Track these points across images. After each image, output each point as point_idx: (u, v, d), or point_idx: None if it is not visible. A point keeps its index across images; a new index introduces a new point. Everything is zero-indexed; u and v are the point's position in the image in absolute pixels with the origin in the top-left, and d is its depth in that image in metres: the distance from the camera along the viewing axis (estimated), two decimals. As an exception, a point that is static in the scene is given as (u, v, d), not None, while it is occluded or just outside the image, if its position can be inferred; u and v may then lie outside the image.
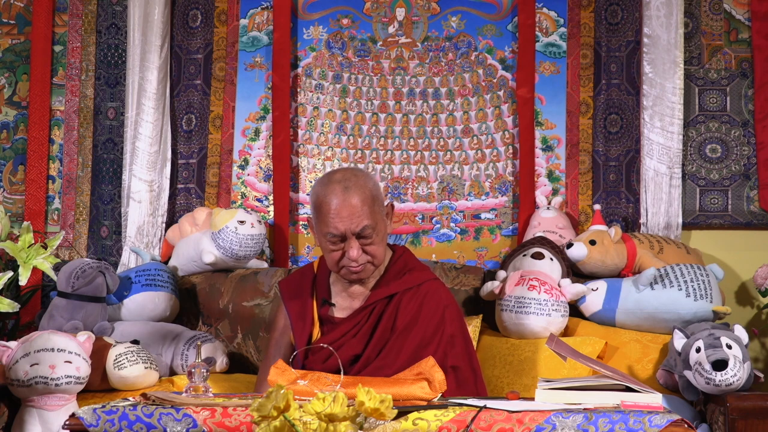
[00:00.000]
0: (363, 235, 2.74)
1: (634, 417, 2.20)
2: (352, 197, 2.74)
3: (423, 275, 2.88)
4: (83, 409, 2.33)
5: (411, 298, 2.81)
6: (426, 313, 2.80)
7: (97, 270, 3.55)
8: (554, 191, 4.02)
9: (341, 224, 2.73)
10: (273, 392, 2.01)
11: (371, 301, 2.82)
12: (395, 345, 2.75)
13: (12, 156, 4.22)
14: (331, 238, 2.75)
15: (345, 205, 2.73)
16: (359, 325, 2.80)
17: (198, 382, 2.57)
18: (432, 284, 2.86)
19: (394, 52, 4.15)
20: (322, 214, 2.76)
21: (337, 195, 2.74)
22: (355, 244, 2.74)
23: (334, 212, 2.73)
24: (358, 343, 2.78)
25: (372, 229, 2.75)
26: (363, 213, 2.74)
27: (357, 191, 2.76)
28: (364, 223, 2.73)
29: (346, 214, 2.73)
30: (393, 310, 2.80)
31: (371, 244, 2.76)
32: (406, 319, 2.78)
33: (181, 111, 4.18)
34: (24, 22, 4.24)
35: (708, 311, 3.42)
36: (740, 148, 3.97)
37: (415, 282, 2.84)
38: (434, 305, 2.81)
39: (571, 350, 2.70)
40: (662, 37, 3.91)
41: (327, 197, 2.75)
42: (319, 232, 2.80)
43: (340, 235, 2.73)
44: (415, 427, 2.23)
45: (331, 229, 2.73)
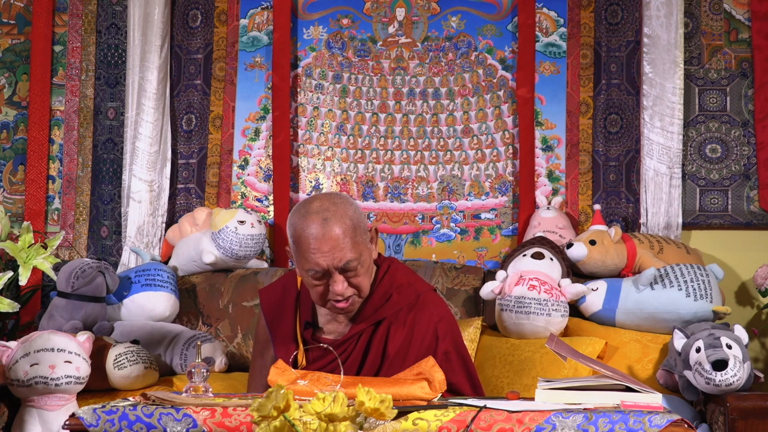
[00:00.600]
0: (347, 269, 2.55)
1: (634, 417, 2.20)
2: (332, 229, 2.53)
3: (410, 293, 2.70)
4: (83, 409, 2.33)
5: (401, 322, 2.65)
6: (418, 334, 2.65)
7: (97, 270, 3.55)
8: (554, 191, 4.02)
9: (323, 260, 2.53)
10: (273, 392, 2.01)
11: (358, 329, 2.66)
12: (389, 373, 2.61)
13: (12, 156, 4.22)
14: (314, 274, 2.55)
15: (326, 239, 2.51)
16: (347, 353, 2.66)
17: (198, 382, 2.57)
18: (422, 299, 2.69)
19: (394, 52, 4.15)
20: (302, 250, 2.55)
21: (317, 228, 2.52)
22: (339, 278, 2.55)
23: (314, 248, 2.51)
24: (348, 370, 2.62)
25: (357, 262, 2.56)
26: (345, 246, 2.53)
27: (337, 222, 2.54)
28: (347, 257, 2.54)
29: (328, 249, 2.52)
30: (382, 336, 2.65)
31: (356, 276, 2.57)
32: (397, 344, 2.64)
33: (181, 111, 4.18)
34: (24, 22, 4.24)
35: (708, 311, 3.42)
36: (740, 148, 3.97)
37: (403, 303, 2.67)
38: (425, 324, 2.65)
39: (571, 350, 2.69)
40: (662, 37, 3.91)
41: (306, 231, 2.53)
42: (300, 267, 2.60)
43: (322, 271, 2.54)
44: (415, 427, 2.22)
45: (313, 266, 2.54)
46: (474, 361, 3.46)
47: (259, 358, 2.82)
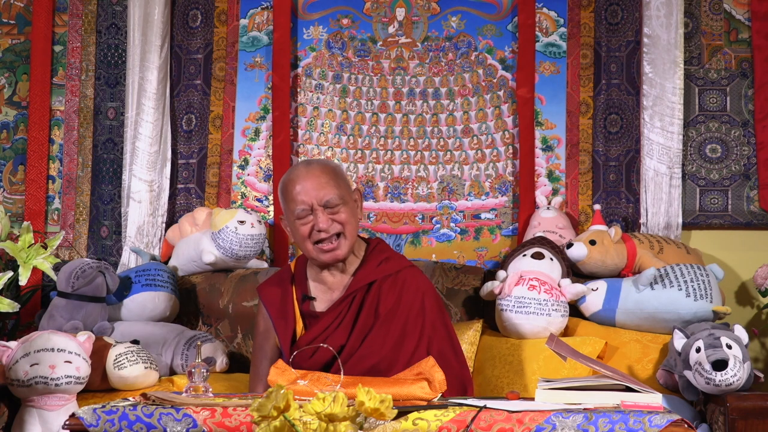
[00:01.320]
0: (330, 206, 2.77)
1: (634, 417, 2.20)
2: (314, 170, 2.80)
3: (400, 263, 2.90)
4: (83, 409, 2.33)
5: (391, 286, 2.83)
6: (406, 300, 2.81)
7: (97, 270, 3.55)
8: (554, 191, 4.02)
9: (306, 196, 2.76)
10: (273, 392, 2.01)
11: (351, 290, 2.82)
12: (379, 333, 2.77)
13: (12, 156, 4.22)
14: (300, 212, 2.77)
15: (309, 177, 2.78)
16: (341, 316, 2.81)
17: (198, 382, 2.57)
18: (410, 271, 2.88)
19: (394, 52, 4.15)
20: (289, 194, 2.79)
21: (300, 171, 2.80)
22: (322, 214, 2.77)
23: (299, 187, 2.77)
24: (342, 334, 2.79)
25: (339, 199, 2.78)
26: (328, 184, 2.78)
27: (319, 165, 2.84)
28: (329, 193, 2.77)
29: (311, 186, 2.77)
30: (374, 297, 2.81)
31: (339, 213, 2.78)
32: (388, 305, 2.80)
33: (181, 111, 4.18)
34: (24, 22, 4.24)
35: (708, 311, 3.42)
36: (740, 148, 3.97)
37: (393, 269, 2.86)
38: (413, 292, 2.83)
39: (571, 350, 2.70)
40: (662, 37, 3.91)
41: (291, 176, 2.81)
42: (289, 216, 2.82)
43: (307, 207, 2.76)
44: (415, 427, 2.23)
45: (299, 204, 2.77)
46: (474, 362, 3.48)
47: (259, 350, 2.94)
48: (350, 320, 2.80)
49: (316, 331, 2.80)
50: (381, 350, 2.74)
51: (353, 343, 2.77)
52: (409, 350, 2.75)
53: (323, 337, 2.78)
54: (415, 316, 2.80)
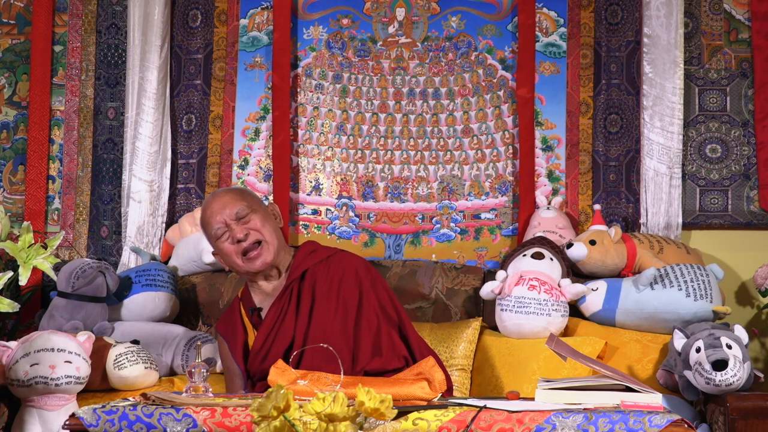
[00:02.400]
0: (240, 216, 2.91)
1: (634, 417, 2.20)
2: (220, 194, 3.00)
3: (329, 250, 3.03)
4: (83, 409, 2.33)
5: (323, 269, 2.95)
6: (340, 277, 2.93)
7: (97, 270, 3.55)
8: (554, 191, 4.02)
9: (218, 216, 2.92)
10: (273, 392, 2.01)
11: (287, 284, 2.94)
12: (320, 311, 2.87)
13: (12, 156, 4.22)
14: (217, 232, 2.92)
15: (216, 200, 2.96)
16: (284, 309, 2.91)
17: (198, 382, 2.57)
18: (339, 254, 3.01)
19: (394, 52, 4.15)
20: (206, 224, 2.96)
21: (209, 200, 3.02)
22: (236, 225, 2.91)
23: (209, 212, 2.94)
24: (289, 324, 2.89)
25: (247, 209, 2.93)
26: (233, 199, 2.94)
27: (225, 189, 3.06)
28: (236, 205, 2.92)
29: (218, 206, 2.93)
30: (309, 282, 2.93)
31: (250, 221, 2.92)
32: (324, 286, 2.92)
33: (181, 111, 4.18)
34: (24, 22, 4.24)
35: (708, 311, 3.42)
36: (740, 148, 3.97)
37: (322, 256, 2.99)
38: (345, 268, 2.95)
39: (571, 350, 2.70)
40: (662, 37, 3.91)
41: (203, 206, 2.99)
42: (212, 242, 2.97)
43: (222, 224, 2.91)
44: (415, 427, 2.23)
45: (214, 225, 2.92)
46: (473, 362, 3.48)
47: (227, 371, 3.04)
48: (293, 309, 2.91)
49: (264, 329, 2.91)
50: (332, 325, 2.84)
51: (302, 327, 2.87)
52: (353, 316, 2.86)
53: (273, 333, 2.89)
54: (351, 286, 2.91)
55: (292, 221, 4.11)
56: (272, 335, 2.88)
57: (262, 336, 2.89)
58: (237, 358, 2.94)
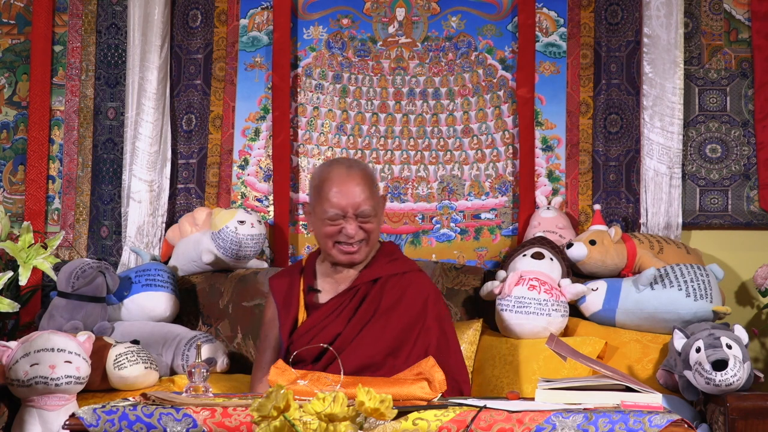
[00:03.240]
0: (362, 215, 2.82)
1: (634, 417, 2.20)
2: (355, 176, 2.84)
3: (408, 265, 2.96)
4: (83, 409, 2.34)
5: (395, 284, 2.87)
6: (408, 300, 2.85)
7: (97, 270, 3.55)
8: (554, 191, 4.02)
9: (343, 200, 2.80)
10: (273, 392, 2.01)
11: (357, 283, 2.87)
12: (376, 327, 2.81)
13: (12, 156, 4.22)
14: (332, 215, 2.81)
15: (348, 182, 2.81)
16: (342, 306, 2.86)
17: (198, 382, 2.57)
18: (416, 274, 2.93)
19: (394, 52, 4.15)
20: (324, 193, 2.83)
21: (341, 173, 2.82)
22: (353, 221, 2.82)
23: (335, 190, 2.81)
24: (340, 323, 2.83)
25: (371, 210, 2.83)
26: (364, 193, 2.82)
27: (360, 172, 2.87)
28: (365, 204, 2.82)
29: (349, 193, 2.81)
30: (377, 293, 2.86)
31: (368, 223, 2.84)
32: (389, 303, 2.84)
33: (181, 111, 4.18)
34: (24, 22, 4.24)
35: (708, 311, 3.42)
36: (740, 148, 3.97)
37: (400, 269, 2.91)
38: (417, 293, 2.87)
39: (571, 350, 2.70)
40: (662, 37, 3.91)
41: (330, 175, 2.83)
42: (318, 211, 2.85)
43: (341, 211, 2.81)
44: (415, 427, 2.23)
45: (333, 206, 2.81)
46: (474, 362, 3.48)
47: (264, 339, 3.00)
48: (350, 312, 2.85)
49: (315, 318, 2.86)
50: (377, 343, 2.78)
51: (349, 333, 2.82)
52: (406, 348, 2.79)
53: (322, 325, 2.84)
54: (415, 315, 2.83)
55: (292, 221, 4.11)
56: (320, 326, 2.83)
57: (311, 323, 2.84)
58: (284, 331, 2.87)
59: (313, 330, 2.84)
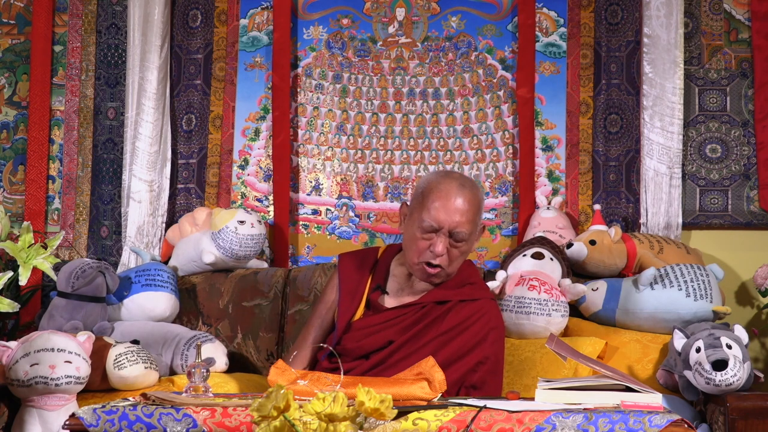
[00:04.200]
0: (456, 237, 2.74)
1: (634, 417, 2.20)
2: (464, 195, 2.76)
3: (481, 292, 2.90)
4: (83, 409, 2.34)
5: (462, 310, 2.82)
6: (471, 329, 2.81)
7: (97, 270, 3.54)
8: (554, 191, 4.02)
9: (443, 216, 2.73)
10: (273, 392, 2.01)
11: (424, 300, 2.83)
12: (430, 347, 2.76)
13: (12, 156, 4.22)
14: (426, 226, 2.73)
15: (455, 199, 2.74)
16: (403, 317, 2.81)
17: (198, 382, 2.57)
18: (486, 303, 2.88)
19: (394, 52, 4.15)
20: (428, 200, 2.75)
21: (452, 188, 2.75)
22: (445, 239, 2.74)
23: (442, 203, 2.73)
24: (395, 332, 2.79)
25: (466, 235, 2.76)
26: (467, 216, 2.75)
27: (470, 193, 2.78)
28: (464, 226, 2.74)
29: (453, 209, 2.73)
30: (442, 315, 2.81)
31: (458, 248, 2.76)
32: (451, 327, 2.79)
33: (181, 111, 4.18)
34: (24, 22, 4.24)
35: (708, 311, 3.42)
36: (740, 148, 3.97)
37: (471, 296, 2.86)
38: (482, 324, 2.83)
39: (571, 350, 2.70)
40: (662, 37, 3.91)
41: (440, 185, 2.75)
42: (415, 217, 2.77)
43: (437, 226, 2.73)
44: (415, 427, 2.23)
45: (431, 219, 2.73)
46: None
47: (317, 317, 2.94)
48: (409, 325, 2.80)
49: (374, 320, 2.81)
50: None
51: (401, 344, 2.78)
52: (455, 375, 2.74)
53: (378, 328, 2.79)
54: (471, 346, 2.80)
55: (292, 221, 4.11)
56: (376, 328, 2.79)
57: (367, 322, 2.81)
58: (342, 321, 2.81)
59: (368, 329, 2.80)
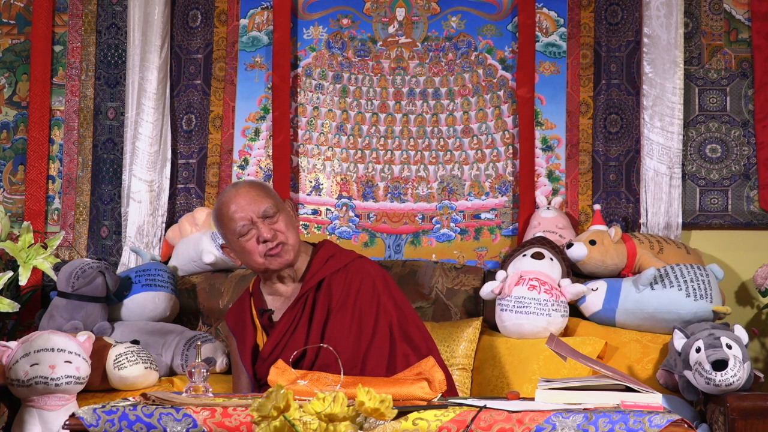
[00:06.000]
0: (267, 215, 2.82)
1: (634, 417, 2.20)
2: (243, 187, 2.86)
3: (346, 256, 2.94)
4: (83, 409, 2.33)
5: (340, 279, 2.87)
6: (356, 288, 2.85)
7: (97, 270, 3.55)
8: (554, 191, 4.02)
9: (244, 212, 2.81)
10: (273, 392, 2.01)
11: (303, 291, 2.87)
12: (336, 324, 2.80)
13: (12, 156, 4.22)
14: (241, 229, 2.81)
15: (240, 194, 2.83)
16: (296, 318, 2.85)
17: (198, 382, 2.57)
18: (357, 262, 2.92)
19: (394, 52, 4.15)
20: (226, 217, 2.83)
21: (231, 193, 2.85)
22: (263, 224, 2.81)
23: (234, 206, 2.81)
24: (300, 335, 2.83)
25: (274, 208, 2.83)
26: (259, 195, 2.83)
27: (246, 183, 2.91)
28: (264, 203, 2.82)
29: (245, 202, 2.82)
30: (325, 293, 2.85)
31: (277, 222, 2.83)
32: (340, 298, 2.84)
33: (181, 111, 4.18)
34: (24, 22, 4.24)
35: (708, 311, 3.42)
36: (740, 148, 3.97)
37: (340, 264, 2.90)
38: (363, 279, 2.87)
39: (571, 350, 2.70)
40: (662, 37, 3.91)
41: (222, 200, 2.85)
42: (231, 239, 2.85)
43: (248, 221, 2.81)
44: (415, 427, 2.23)
45: (238, 221, 2.81)
46: (474, 362, 3.48)
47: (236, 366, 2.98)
48: (306, 320, 2.84)
49: (275, 337, 2.84)
50: (344, 341, 2.77)
51: (314, 340, 2.81)
52: (368, 334, 2.80)
53: (283, 341, 2.83)
54: (368, 301, 2.84)
55: (292, 221, 4.11)
56: (282, 344, 2.83)
57: (272, 343, 2.84)
58: (245, 359, 2.89)
59: (276, 349, 2.83)
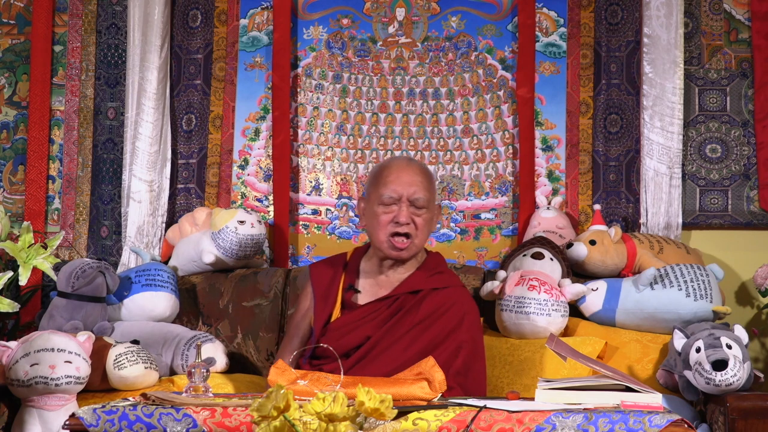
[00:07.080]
0: (416, 205, 2.85)
1: (634, 417, 2.20)
2: (414, 166, 2.92)
3: (451, 279, 2.98)
4: (83, 409, 2.34)
5: (434, 298, 2.88)
6: (446, 316, 2.86)
7: (97, 270, 3.55)
8: (554, 191, 4.02)
9: (399, 186, 2.85)
10: (273, 392, 2.01)
11: (397, 292, 2.89)
12: (408, 337, 2.81)
13: (12, 156, 4.22)
14: (386, 199, 2.85)
15: (407, 170, 2.88)
16: (378, 312, 2.87)
17: (198, 382, 2.57)
18: (458, 290, 2.95)
19: (394, 52, 4.15)
20: (381, 179, 2.87)
21: (401, 162, 2.90)
22: (407, 208, 2.84)
23: (395, 176, 2.86)
24: (373, 327, 2.84)
25: (426, 202, 2.86)
26: (422, 183, 2.87)
27: (419, 165, 2.96)
28: (420, 192, 2.86)
29: (407, 179, 2.86)
30: (415, 305, 2.87)
31: (420, 216, 2.86)
32: (426, 316, 2.85)
33: (181, 111, 4.18)
34: (24, 22, 4.24)
35: (708, 311, 3.42)
36: (740, 148, 3.97)
37: (442, 284, 2.93)
38: (455, 310, 2.88)
39: (571, 350, 2.70)
40: (662, 37, 3.91)
41: (389, 164, 2.90)
42: (373, 197, 2.88)
43: (396, 197, 2.84)
44: (415, 427, 2.23)
45: (389, 191, 2.85)
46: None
47: (295, 327, 3.02)
48: (385, 318, 2.86)
49: (350, 318, 2.87)
50: (403, 355, 2.78)
51: (380, 338, 2.82)
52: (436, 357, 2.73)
53: (355, 325, 2.85)
54: (447, 333, 2.84)
55: (292, 221, 4.11)
56: (354, 326, 2.85)
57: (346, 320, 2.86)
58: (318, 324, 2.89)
59: (345, 328, 2.86)
